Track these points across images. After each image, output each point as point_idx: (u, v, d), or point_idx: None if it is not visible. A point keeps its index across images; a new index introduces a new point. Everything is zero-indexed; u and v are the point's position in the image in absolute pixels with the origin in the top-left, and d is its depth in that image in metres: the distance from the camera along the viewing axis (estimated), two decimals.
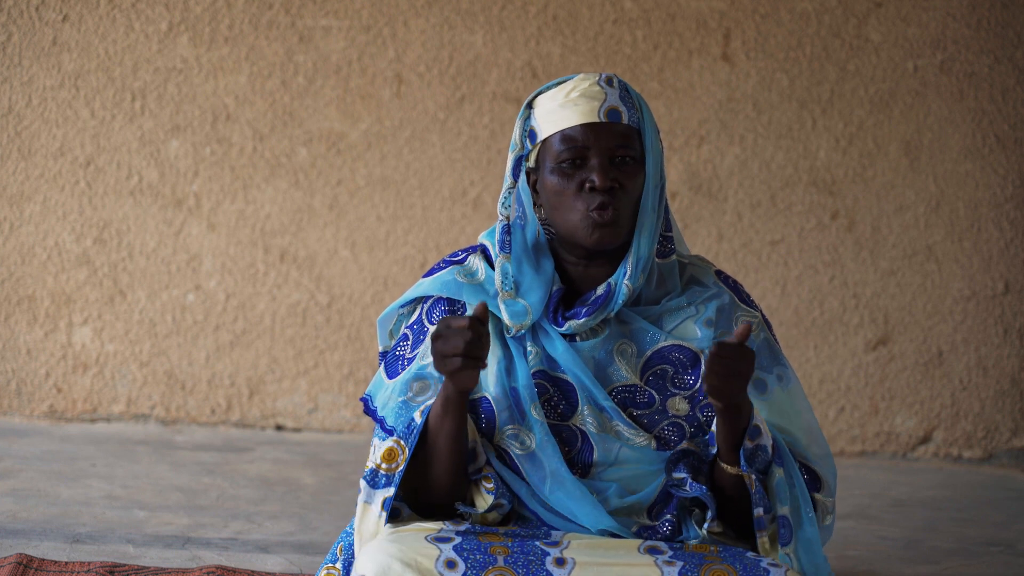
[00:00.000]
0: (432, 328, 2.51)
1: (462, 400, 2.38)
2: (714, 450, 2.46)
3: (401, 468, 2.39)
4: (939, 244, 4.67)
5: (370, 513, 2.41)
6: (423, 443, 2.43)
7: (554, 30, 4.65)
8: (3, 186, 4.69)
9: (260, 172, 4.69)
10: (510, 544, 2.35)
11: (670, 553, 2.37)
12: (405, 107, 4.68)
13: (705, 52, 4.65)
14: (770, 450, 2.40)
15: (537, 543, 2.37)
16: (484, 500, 2.44)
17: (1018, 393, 4.67)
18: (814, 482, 2.50)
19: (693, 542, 2.44)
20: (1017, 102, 4.64)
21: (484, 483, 2.43)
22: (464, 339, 2.30)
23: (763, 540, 2.42)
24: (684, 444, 2.47)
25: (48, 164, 4.68)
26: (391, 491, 2.39)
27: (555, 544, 2.37)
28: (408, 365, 2.51)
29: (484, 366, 2.34)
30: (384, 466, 2.41)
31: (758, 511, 2.40)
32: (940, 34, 4.64)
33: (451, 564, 2.31)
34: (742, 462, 2.39)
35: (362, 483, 2.42)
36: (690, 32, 4.65)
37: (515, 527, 2.45)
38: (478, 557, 2.32)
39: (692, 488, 2.42)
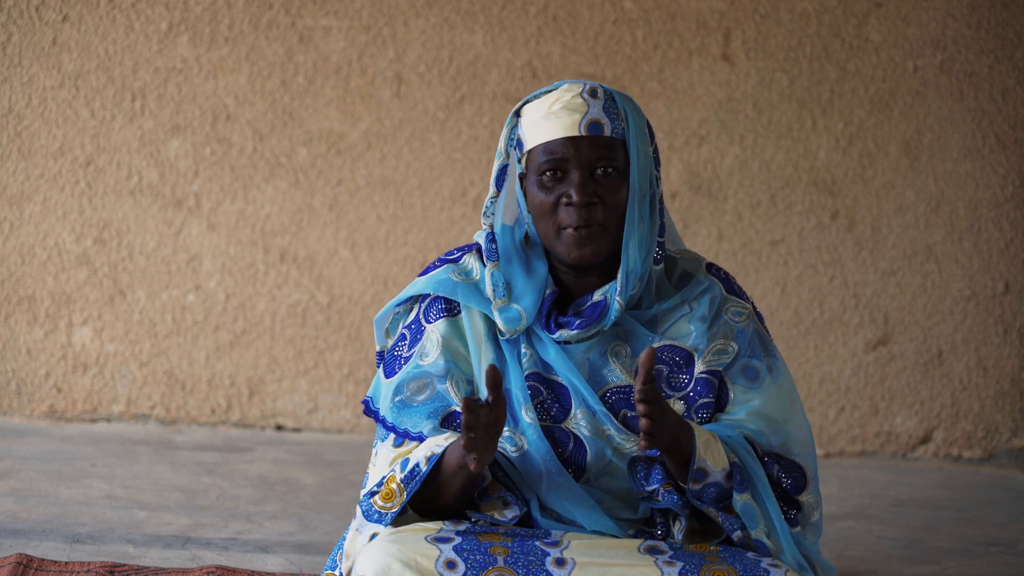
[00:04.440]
0: (429, 327, 2.51)
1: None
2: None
3: (394, 511, 2.39)
4: (939, 244, 4.67)
5: (359, 540, 2.42)
6: (431, 478, 2.41)
7: (554, 30, 4.65)
8: (3, 186, 4.69)
9: (260, 172, 4.69)
10: (510, 544, 2.35)
11: (670, 553, 2.37)
12: (405, 107, 4.68)
13: (705, 52, 4.65)
14: (723, 480, 2.39)
15: (537, 543, 2.36)
16: (498, 507, 2.44)
17: (1018, 393, 4.67)
18: (800, 481, 2.48)
19: (681, 540, 2.43)
20: (1017, 102, 4.64)
21: (501, 506, 2.43)
22: (468, 438, 2.28)
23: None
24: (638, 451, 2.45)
25: (48, 164, 4.68)
26: (380, 528, 2.39)
27: (555, 544, 2.37)
28: (405, 364, 2.51)
29: (491, 444, 2.30)
30: (380, 503, 2.41)
31: (736, 535, 2.39)
32: (940, 34, 4.64)
33: (451, 564, 2.31)
34: (693, 500, 2.39)
35: (358, 509, 2.42)
36: (690, 32, 4.65)
37: (515, 527, 2.45)
38: (478, 557, 2.32)
39: (664, 499, 2.40)
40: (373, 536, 2.39)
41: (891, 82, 4.65)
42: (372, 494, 2.42)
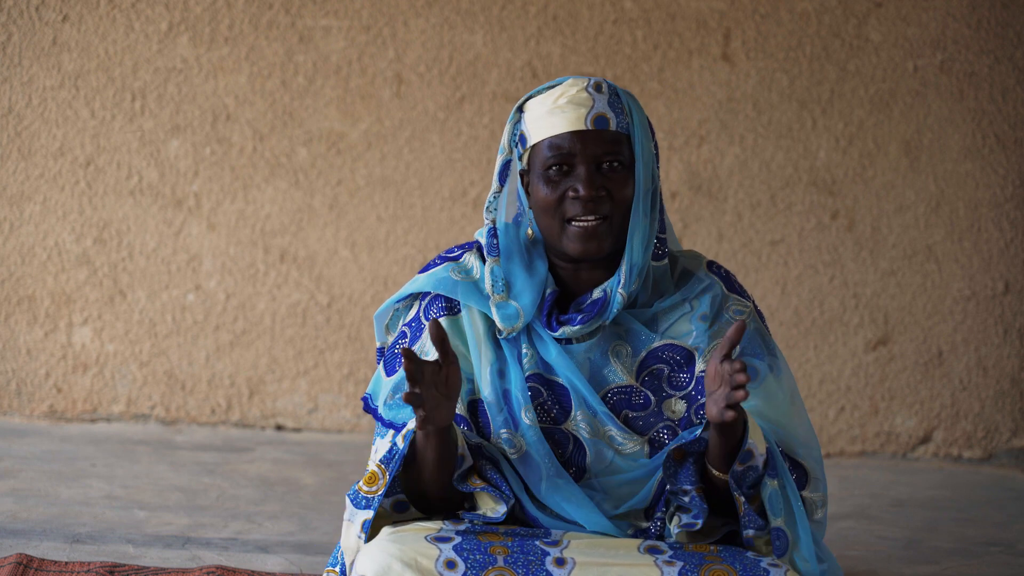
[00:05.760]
0: (429, 325, 2.51)
1: (439, 431, 2.37)
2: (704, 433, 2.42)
3: (380, 493, 2.39)
4: (939, 244, 4.67)
5: (352, 531, 2.42)
6: (411, 460, 2.42)
7: (554, 30, 4.65)
8: (3, 186, 4.69)
9: (260, 172, 4.69)
10: (510, 544, 2.35)
11: (670, 553, 2.36)
12: (405, 107, 4.68)
13: (705, 52, 4.65)
14: (761, 466, 2.37)
15: (537, 543, 2.36)
16: (489, 503, 2.43)
17: (1018, 393, 4.67)
18: (801, 479, 2.47)
19: (676, 536, 2.43)
20: (1017, 102, 4.64)
21: (487, 498, 2.43)
22: (412, 394, 2.27)
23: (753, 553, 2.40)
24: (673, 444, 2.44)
25: (48, 164, 4.68)
26: (370, 514, 2.39)
27: (555, 544, 2.37)
28: None
29: (443, 403, 2.30)
30: (365, 488, 2.41)
31: (747, 533, 2.37)
32: (940, 34, 4.64)
33: (451, 564, 2.31)
34: (731, 484, 2.36)
35: (347, 499, 2.42)
36: (690, 32, 4.65)
37: (515, 527, 2.45)
38: (478, 557, 2.32)
39: (693, 501, 2.40)
40: (366, 523, 2.39)
41: (891, 82, 4.65)
42: (358, 484, 2.42)
